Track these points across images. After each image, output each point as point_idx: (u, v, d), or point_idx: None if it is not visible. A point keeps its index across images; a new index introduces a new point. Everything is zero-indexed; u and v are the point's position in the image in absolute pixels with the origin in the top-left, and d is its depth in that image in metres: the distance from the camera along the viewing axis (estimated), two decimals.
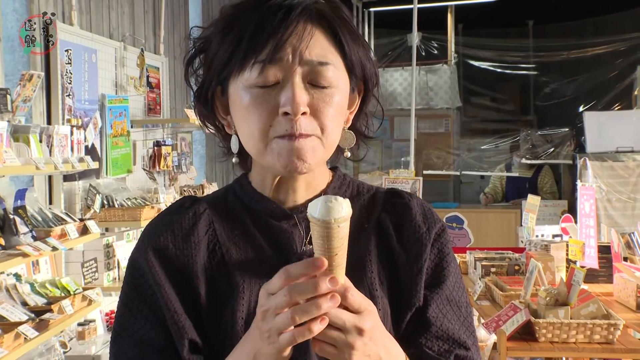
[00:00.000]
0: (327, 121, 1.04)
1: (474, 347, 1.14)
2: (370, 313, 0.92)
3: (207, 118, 1.16)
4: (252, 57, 1.02)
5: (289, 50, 1.02)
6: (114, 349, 1.09)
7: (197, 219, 1.12)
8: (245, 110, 1.05)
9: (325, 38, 1.06)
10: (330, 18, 1.06)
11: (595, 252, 3.63)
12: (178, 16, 6.18)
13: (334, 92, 1.05)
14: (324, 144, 1.06)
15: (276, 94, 1.03)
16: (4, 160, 2.83)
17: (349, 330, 0.90)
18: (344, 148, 1.15)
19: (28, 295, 3.20)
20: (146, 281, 1.08)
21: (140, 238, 1.14)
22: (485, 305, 3.31)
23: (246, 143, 1.09)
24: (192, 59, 1.14)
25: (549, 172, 7.63)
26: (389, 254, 1.13)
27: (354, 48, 1.08)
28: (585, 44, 8.81)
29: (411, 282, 1.11)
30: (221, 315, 1.07)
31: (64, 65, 4.00)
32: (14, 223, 3.05)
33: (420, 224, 1.15)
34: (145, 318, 1.07)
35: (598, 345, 2.70)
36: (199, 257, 1.09)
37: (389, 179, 5.51)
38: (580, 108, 8.50)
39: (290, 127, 1.01)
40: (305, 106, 1.02)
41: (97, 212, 4.03)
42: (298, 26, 1.03)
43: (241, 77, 1.05)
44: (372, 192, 1.21)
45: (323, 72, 1.04)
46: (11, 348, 2.71)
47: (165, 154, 5.20)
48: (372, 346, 0.92)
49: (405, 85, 9.05)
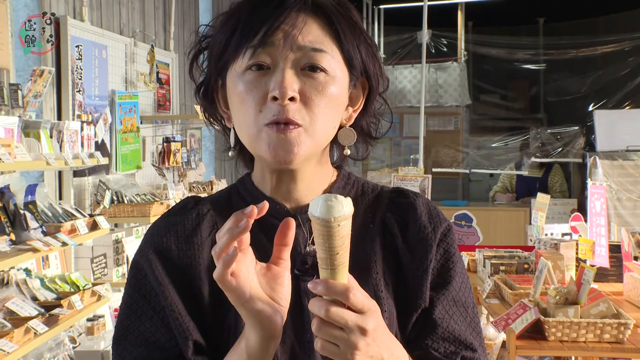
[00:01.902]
0: (318, 110, 1.03)
1: (480, 348, 1.12)
2: (373, 313, 0.91)
3: (210, 113, 1.16)
4: (245, 44, 1.02)
5: (281, 35, 1.01)
6: (119, 350, 1.08)
7: (200, 219, 1.12)
8: (239, 98, 1.05)
9: (319, 27, 1.05)
10: (327, 10, 1.05)
11: (606, 251, 3.61)
12: (188, 12, 6.19)
13: (328, 81, 1.04)
14: (312, 134, 1.04)
15: (267, 79, 1.02)
16: (15, 156, 2.84)
17: (351, 330, 0.89)
18: (344, 145, 1.13)
19: (38, 290, 3.21)
20: (149, 282, 1.08)
21: (143, 239, 1.14)
22: (494, 304, 3.30)
23: (240, 133, 1.08)
24: (197, 55, 1.13)
25: (560, 171, 7.60)
26: (394, 254, 1.12)
27: (351, 40, 1.07)
28: (596, 42, 8.76)
29: (417, 282, 1.10)
30: (224, 317, 1.06)
31: (75, 61, 4.02)
32: (24, 218, 3.07)
33: (426, 223, 1.13)
34: (149, 319, 1.07)
35: (608, 345, 2.68)
36: (202, 259, 1.08)
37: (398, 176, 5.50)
38: (591, 106, 8.47)
39: (278, 111, 1.00)
40: (294, 91, 1.01)
41: (106, 207, 4.05)
42: (291, 13, 1.02)
43: (235, 65, 1.05)
44: (376, 191, 1.19)
45: (317, 59, 1.03)
46: (21, 343, 2.72)
47: (174, 150, 5.21)
48: (375, 347, 0.91)
49: (414, 82, 9.03)
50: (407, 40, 9.17)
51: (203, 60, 1.14)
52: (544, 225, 4.23)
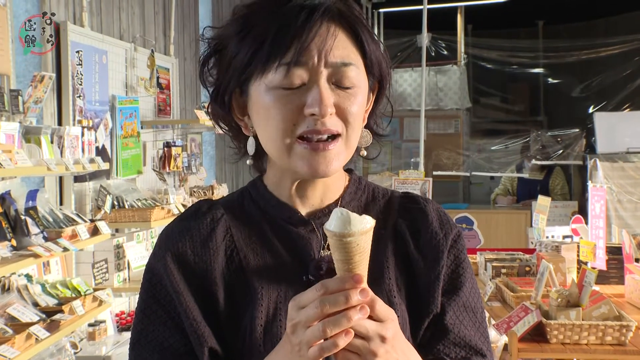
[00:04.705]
0: (352, 120, 1.04)
1: (488, 352, 1.14)
2: (392, 321, 0.93)
3: (222, 119, 1.15)
4: (276, 60, 1.01)
5: (314, 53, 1.02)
6: (133, 355, 1.09)
7: (215, 224, 1.11)
8: (268, 111, 1.04)
9: (347, 38, 1.05)
10: (351, 18, 1.06)
11: (603, 253, 3.61)
12: (188, 17, 6.20)
13: (357, 92, 1.05)
14: (348, 145, 1.06)
15: (302, 95, 1.02)
16: (16, 161, 2.84)
17: (372, 339, 0.90)
18: (361, 147, 1.14)
19: (39, 295, 3.21)
20: (164, 287, 1.08)
21: (157, 244, 1.13)
22: (496, 306, 3.29)
23: (267, 144, 1.08)
24: (208, 59, 1.12)
25: (561, 173, 7.60)
26: (406, 260, 1.13)
27: (372, 47, 1.08)
28: (595, 45, 8.78)
29: (429, 288, 1.11)
30: (240, 322, 1.06)
31: (75, 67, 4.02)
32: (25, 224, 3.06)
33: (437, 230, 1.14)
34: (164, 325, 1.07)
35: (610, 347, 2.68)
36: (217, 264, 1.08)
37: (399, 179, 5.50)
38: (591, 109, 8.48)
39: (315, 125, 1.01)
40: (332, 107, 1.02)
41: (107, 212, 4.04)
42: (322, 27, 1.02)
43: (264, 78, 1.04)
44: (387, 197, 1.20)
45: (347, 73, 1.03)
46: (22, 348, 2.72)
47: (175, 155, 5.21)
48: (393, 353, 0.92)
49: (414, 86, 9.04)
50: (406, 43, 9.18)
51: (212, 64, 1.13)
52: (545, 227, 4.23)
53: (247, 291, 1.07)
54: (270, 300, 1.06)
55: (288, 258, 1.10)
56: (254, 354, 1.03)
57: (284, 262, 1.10)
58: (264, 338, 1.03)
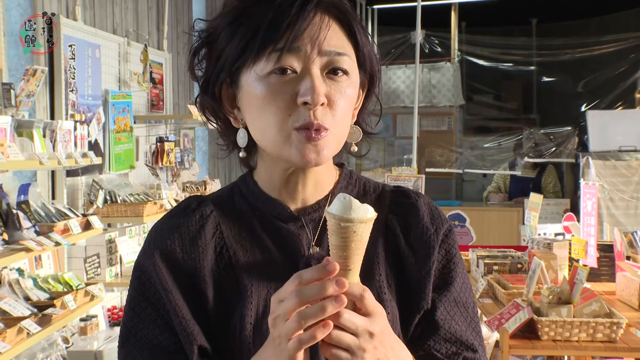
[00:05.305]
0: (340, 112, 1.04)
1: (480, 348, 1.13)
2: (380, 316, 0.92)
3: (212, 111, 1.14)
4: (270, 46, 1.00)
5: (307, 40, 1.01)
6: (123, 353, 1.08)
7: (204, 221, 1.10)
8: (261, 102, 1.03)
9: (340, 30, 1.05)
10: (345, 11, 1.06)
11: (595, 250, 3.63)
12: (182, 12, 6.18)
13: (349, 84, 1.05)
14: (336, 136, 1.05)
15: (294, 84, 1.01)
16: (8, 155, 2.83)
17: (360, 334, 0.89)
18: (350, 143, 1.14)
19: (31, 290, 3.20)
20: (153, 285, 1.07)
21: (147, 241, 1.12)
22: (488, 303, 3.30)
23: (260, 135, 1.07)
24: (199, 50, 1.11)
25: (553, 171, 7.62)
26: (397, 255, 1.12)
27: (365, 42, 1.08)
28: (588, 43, 8.80)
29: (420, 284, 1.10)
30: (229, 320, 1.06)
31: (68, 61, 4.00)
32: (17, 218, 3.05)
33: (428, 225, 1.13)
34: (153, 322, 1.06)
35: (601, 344, 2.69)
36: (206, 261, 1.07)
37: (392, 176, 5.50)
38: (583, 107, 8.51)
39: (308, 116, 1.00)
40: (324, 97, 1.01)
41: (99, 207, 4.03)
42: (315, 17, 1.02)
43: (256, 67, 1.03)
44: (378, 191, 1.19)
45: (340, 63, 1.03)
46: (14, 343, 2.71)
47: (168, 150, 5.20)
48: (382, 349, 0.91)
49: (408, 82, 9.05)
50: (400, 40, 9.18)
51: (202, 56, 1.12)
52: (537, 225, 4.24)
53: (237, 288, 1.07)
54: (260, 298, 1.05)
55: (278, 255, 1.09)
56: (243, 352, 1.03)
57: (274, 258, 1.09)
58: (254, 336, 1.03)
